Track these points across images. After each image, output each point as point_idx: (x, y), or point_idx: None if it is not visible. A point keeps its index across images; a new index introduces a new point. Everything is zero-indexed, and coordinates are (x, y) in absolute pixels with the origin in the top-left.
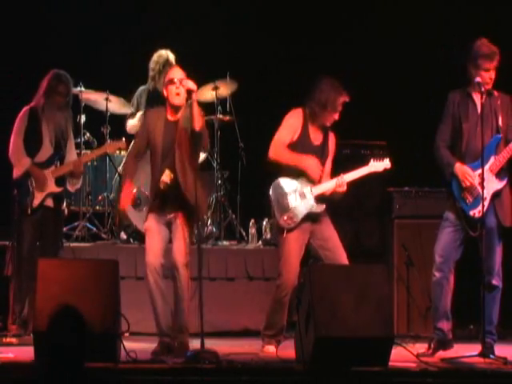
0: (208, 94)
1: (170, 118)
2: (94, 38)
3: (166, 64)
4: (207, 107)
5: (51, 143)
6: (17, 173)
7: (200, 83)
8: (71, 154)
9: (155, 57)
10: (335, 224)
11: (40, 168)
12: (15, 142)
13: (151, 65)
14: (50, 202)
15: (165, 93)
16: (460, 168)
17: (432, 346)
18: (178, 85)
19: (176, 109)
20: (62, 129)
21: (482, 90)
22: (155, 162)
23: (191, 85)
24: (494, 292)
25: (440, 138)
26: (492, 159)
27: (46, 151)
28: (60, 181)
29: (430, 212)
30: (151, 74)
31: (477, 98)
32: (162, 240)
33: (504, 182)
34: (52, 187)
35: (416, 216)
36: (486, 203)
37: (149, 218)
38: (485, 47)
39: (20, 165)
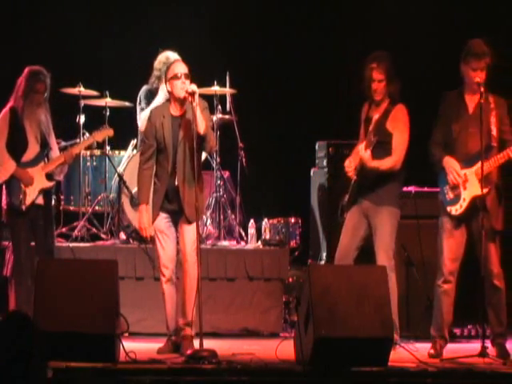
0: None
1: (175, 113)
2: (94, 38)
3: None
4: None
5: (37, 141)
6: (1, 178)
7: (200, 83)
8: (55, 149)
9: (163, 58)
10: (335, 224)
11: (28, 166)
12: None
13: (158, 65)
14: (40, 200)
15: (168, 88)
16: (448, 161)
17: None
18: (184, 79)
19: (181, 103)
20: (45, 125)
21: (482, 90)
22: (165, 159)
23: (193, 87)
24: (498, 293)
25: (433, 139)
26: (479, 164)
27: (33, 149)
28: (50, 176)
29: (429, 212)
30: (157, 74)
31: (468, 98)
32: (174, 241)
33: (486, 190)
34: (44, 183)
35: (416, 216)
36: (465, 204)
37: (159, 219)
38: (475, 46)
39: (4, 169)
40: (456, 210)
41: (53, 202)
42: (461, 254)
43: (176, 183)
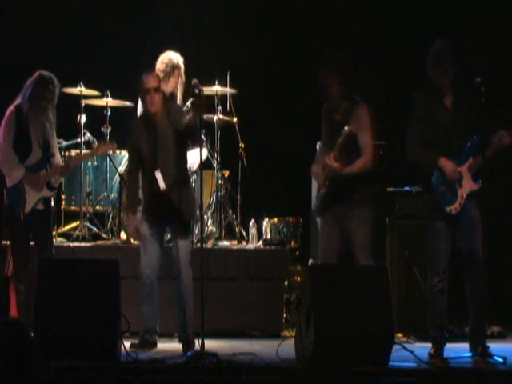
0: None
1: (149, 122)
2: (94, 38)
3: (175, 67)
4: (208, 106)
5: (40, 146)
6: (10, 182)
7: (200, 83)
8: (57, 157)
9: (165, 59)
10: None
11: (31, 172)
12: (5, 151)
13: (160, 66)
14: (39, 205)
15: (140, 101)
16: (445, 161)
17: None
18: (153, 94)
19: (153, 114)
20: (48, 132)
21: (482, 90)
22: (145, 167)
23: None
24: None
25: (415, 140)
26: (470, 160)
27: (36, 155)
28: (50, 184)
29: None
30: (159, 75)
31: (446, 98)
32: (157, 249)
33: (479, 185)
34: (45, 192)
35: (416, 216)
36: (463, 202)
37: (143, 225)
38: (436, 52)
39: (13, 175)
40: (455, 208)
41: (52, 204)
42: (449, 254)
43: (162, 190)
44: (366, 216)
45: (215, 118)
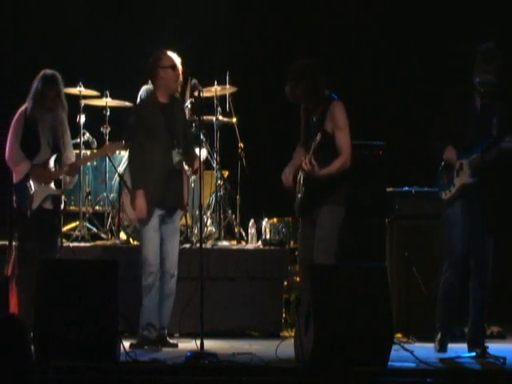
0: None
1: (163, 100)
2: (94, 38)
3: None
4: (207, 107)
5: (49, 145)
6: (17, 178)
7: (200, 83)
8: (68, 155)
9: None
10: None
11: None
12: (12, 147)
13: None
14: (48, 205)
15: (161, 74)
16: (448, 149)
17: None
18: (177, 71)
19: (171, 92)
20: (57, 129)
21: (482, 90)
22: (158, 147)
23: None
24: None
25: (437, 131)
26: (474, 156)
27: (45, 153)
28: (58, 183)
29: (429, 212)
30: None
31: (477, 98)
32: (158, 237)
33: (473, 180)
34: (51, 189)
35: (416, 216)
36: (454, 190)
37: (153, 215)
38: (487, 51)
39: (19, 170)
40: (445, 194)
41: (62, 206)
42: (466, 245)
43: (170, 173)
44: (336, 213)
45: (214, 118)
